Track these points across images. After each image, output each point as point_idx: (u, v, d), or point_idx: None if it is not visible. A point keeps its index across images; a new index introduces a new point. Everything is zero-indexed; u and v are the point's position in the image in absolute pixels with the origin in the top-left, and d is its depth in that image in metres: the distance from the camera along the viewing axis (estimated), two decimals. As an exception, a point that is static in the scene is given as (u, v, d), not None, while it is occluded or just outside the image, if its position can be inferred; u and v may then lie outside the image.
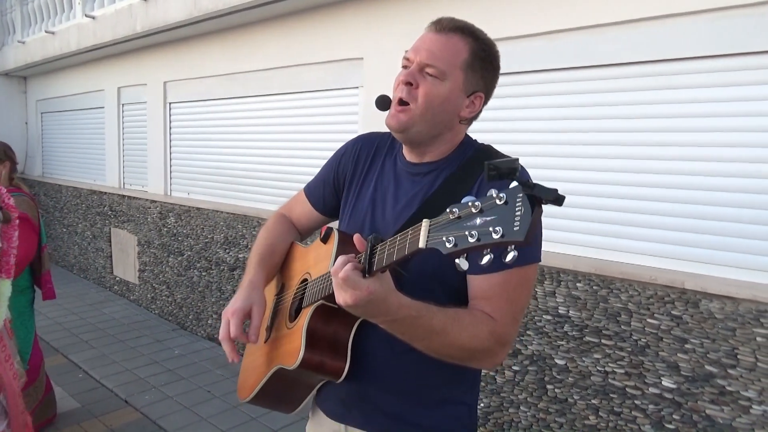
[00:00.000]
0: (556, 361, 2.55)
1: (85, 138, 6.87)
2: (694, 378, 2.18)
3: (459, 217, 0.78)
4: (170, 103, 5.29)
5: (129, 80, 5.82)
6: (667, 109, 2.34)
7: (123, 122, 6.05)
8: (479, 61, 1.17)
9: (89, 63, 6.41)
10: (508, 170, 0.73)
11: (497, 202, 0.73)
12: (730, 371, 2.10)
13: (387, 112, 1.20)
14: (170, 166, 5.36)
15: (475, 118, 1.24)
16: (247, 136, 4.51)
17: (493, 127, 2.65)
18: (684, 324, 2.20)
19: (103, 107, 6.30)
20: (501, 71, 1.23)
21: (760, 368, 2.03)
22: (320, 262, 1.24)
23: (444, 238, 0.78)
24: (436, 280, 1.13)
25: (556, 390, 2.56)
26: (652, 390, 2.29)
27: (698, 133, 2.27)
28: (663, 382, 2.25)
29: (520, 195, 0.71)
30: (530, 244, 0.72)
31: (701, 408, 2.16)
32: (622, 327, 2.36)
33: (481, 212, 0.75)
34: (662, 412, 2.26)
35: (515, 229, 0.70)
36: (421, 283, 1.09)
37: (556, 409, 2.56)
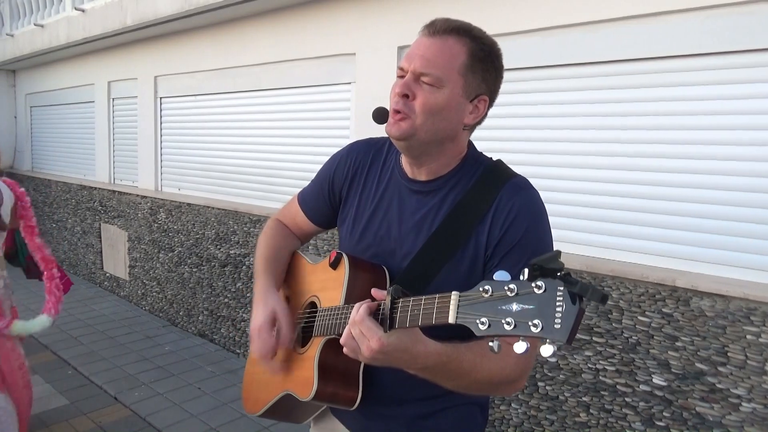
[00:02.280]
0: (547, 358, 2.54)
1: (75, 132, 6.80)
2: (685, 375, 2.18)
3: (492, 297, 0.76)
4: (161, 98, 5.24)
5: (119, 74, 5.77)
6: (659, 107, 2.34)
7: (113, 117, 6.00)
8: (479, 62, 1.10)
9: (79, 57, 6.34)
10: (551, 270, 0.72)
11: (536, 291, 0.71)
12: (721, 369, 2.10)
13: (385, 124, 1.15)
14: (161, 161, 5.32)
15: (479, 123, 1.18)
16: (239, 132, 4.47)
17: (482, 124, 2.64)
18: (675, 322, 2.20)
19: (93, 101, 6.24)
20: None
21: (750, 366, 2.04)
22: (329, 289, 1.21)
23: (477, 320, 0.76)
24: None
25: (547, 387, 2.56)
26: (642, 387, 2.29)
27: (690, 131, 2.27)
28: (654, 380, 2.26)
29: (561, 288, 0.69)
30: (571, 344, 0.71)
31: (691, 405, 2.17)
32: (613, 324, 2.36)
33: (516, 296, 0.73)
34: (653, 410, 2.26)
35: (556, 326, 0.69)
36: None
37: (547, 406, 2.56)
